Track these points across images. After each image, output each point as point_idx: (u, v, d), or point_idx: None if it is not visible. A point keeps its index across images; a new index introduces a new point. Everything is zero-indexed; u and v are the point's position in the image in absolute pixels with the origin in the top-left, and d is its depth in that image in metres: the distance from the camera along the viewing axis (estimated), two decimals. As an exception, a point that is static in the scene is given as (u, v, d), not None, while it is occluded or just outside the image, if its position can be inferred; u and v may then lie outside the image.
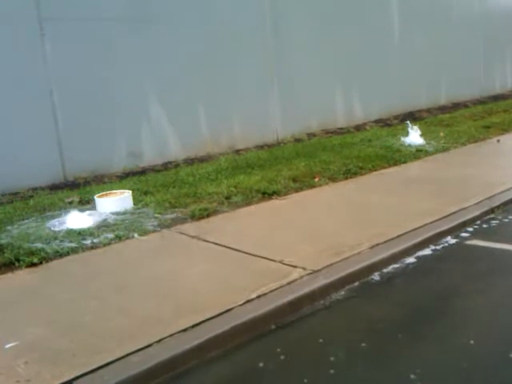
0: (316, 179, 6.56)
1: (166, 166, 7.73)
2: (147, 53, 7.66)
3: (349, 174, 6.81)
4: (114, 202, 5.59)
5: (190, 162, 7.96)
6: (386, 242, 4.45)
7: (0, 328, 3.35)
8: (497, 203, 5.41)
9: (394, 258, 4.26)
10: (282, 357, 3.07)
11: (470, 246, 4.56)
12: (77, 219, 5.18)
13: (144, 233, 4.95)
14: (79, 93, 7.00)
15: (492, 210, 5.28)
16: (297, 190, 6.23)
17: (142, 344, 3.02)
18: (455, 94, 13.23)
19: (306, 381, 2.83)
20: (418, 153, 7.92)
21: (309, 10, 9.73)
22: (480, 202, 5.42)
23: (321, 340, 3.20)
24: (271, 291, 3.62)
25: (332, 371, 2.89)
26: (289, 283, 3.74)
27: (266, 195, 6.00)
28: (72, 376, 2.77)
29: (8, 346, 3.10)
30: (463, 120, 10.82)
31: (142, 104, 7.69)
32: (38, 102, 6.72)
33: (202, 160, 8.06)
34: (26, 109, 6.59)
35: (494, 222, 5.07)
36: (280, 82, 9.38)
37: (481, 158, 7.72)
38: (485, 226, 5.00)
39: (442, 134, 9.08)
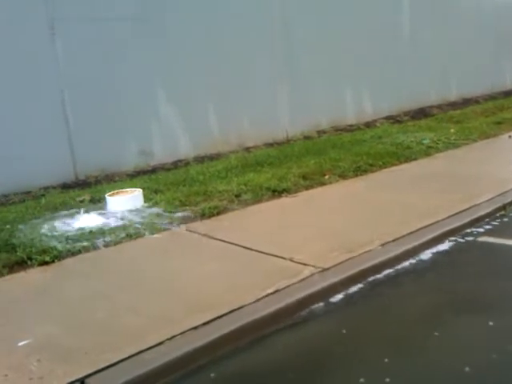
0: (326, 177, 6.53)
1: (176, 165, 7.75)
2: (157, 52, 7.66)
3: (359, 172, 6.77)
4: (125, 201, 5.62)
5: (200, 160, 7.97)
6: (397, 239, 4.42)
7: (13, 326, 3.39)
8: (509, 199, 5.36)
9: (406, 256, 4.24)
10: (293, 356, 3.06)
11: (483, 243, 4.52)
12: (88, 218, 5.22)
13: (155, 231, 4.96)
14: (90, 92, 7.03)
15: (504, 207, 5.24)
16: (307, 188, 6.21)
17: (154, 342, 3.04)
18: (466, 89, 13.12)
19: None
20: (429, 149, 7.87)
21: (318, 9, 9.69)
22: (492, 198, 5.38)
23: (331, 339, 3.20)
24: (282, 289, 3.62)
25: (340, 374, 2.89)
26: (299, 281, 3.73)
27: (276, 193, 5.99)
28: (84, 374, 2.79)
29: (21, 343, 3.13)
30: (474, 116, 10.73)
31: (152, 103, 7.71)
32: (49, 101, 6.76)
33: (211, 158, 8.07)
34: (37, 108, 6.63)
35: (506, 219, 5.03)
36: (289, 79, 9.35)
37: (492, 154, 7.65)
38: (497, 222, 4.96)
39: (452, 131, 9.02)
